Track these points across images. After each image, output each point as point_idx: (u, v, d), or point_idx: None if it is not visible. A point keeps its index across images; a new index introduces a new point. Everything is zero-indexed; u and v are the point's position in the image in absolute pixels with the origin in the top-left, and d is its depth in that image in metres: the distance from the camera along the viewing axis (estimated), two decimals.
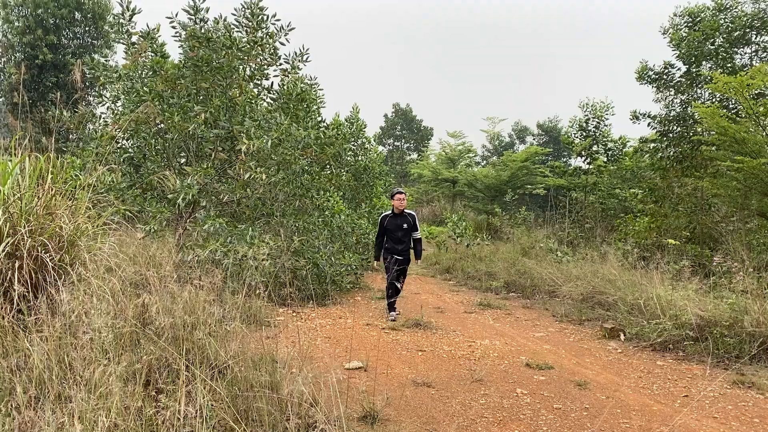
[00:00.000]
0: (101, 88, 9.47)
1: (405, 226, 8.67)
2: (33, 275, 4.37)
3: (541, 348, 7.20)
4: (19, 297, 4.08)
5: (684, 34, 13.72)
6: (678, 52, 13.87)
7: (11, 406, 3.19)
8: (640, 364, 6.51)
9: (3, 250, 4.18)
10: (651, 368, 6.32)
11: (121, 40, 8.88)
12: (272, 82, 9.60)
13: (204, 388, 3.49)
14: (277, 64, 9.39)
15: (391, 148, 51.82)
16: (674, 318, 7.09)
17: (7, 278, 4.19)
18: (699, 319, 6.91)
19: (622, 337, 7.64)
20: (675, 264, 9.30)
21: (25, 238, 4.35)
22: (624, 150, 19.32)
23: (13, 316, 3.97)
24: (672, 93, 14.52)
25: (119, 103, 9.31)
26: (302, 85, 9.83)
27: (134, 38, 8.71)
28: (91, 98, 20.52)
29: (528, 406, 5.02)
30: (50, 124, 6.52)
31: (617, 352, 7.03)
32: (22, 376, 3.47)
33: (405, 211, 8.81)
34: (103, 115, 9.46)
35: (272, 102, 9.72)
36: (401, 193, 8.82)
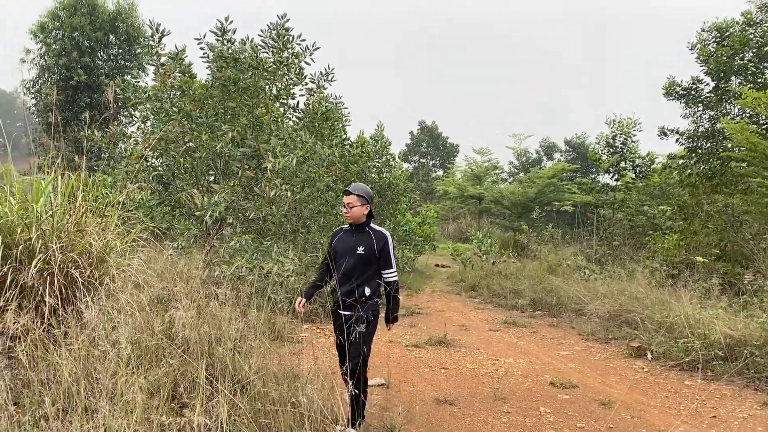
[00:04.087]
0: (132, 108, 9.71)
1: (360, 249, 4.59)
2: (63, 290, 4.49)
3: (566, 366, 7.12)
4: (49, 311, 4.21)
5: (712, 50, 13.57)
6: (706, 68, 13.72)
7: (39, 415, 3.29)
8: (667, 383, 6.40)
9: (35, 266, 4.31)
10: (678, 388, 6.21)
11: (151, 62, 9.11)
12: (298, 101, 9.76)
13: (225, 403, 3.55)
14: (303, 83, 9.53)
15: (416, 165, 52.02)
16: (703, 337, 6.97)
17: (39, 293, 4.32)
18: (728, 339, 6.78)
19: (649, 356, 7.53)
20: (704, 282, 9.14)
21: (57, 254, 4.48)
22: (652, 166, 19.11)
23: (44, 330, 4.08)
24: (700, 108, 14.35)
25: (149, 123, 9.53)
26: (327, 104, 9.97)
27: (163, 59, 8.94)
28: (123, 118, 21.03)
29: (551, 425, 4.98)
30: (83, 143, 6.71)
31: (644, 372, 6.92)
32: (51, 388, 3.57)
33: (371, 226, 4.75)
34: (133, 135, 9.70)
35: (298, 121, 9.87)
36: (349, 193, 4.70)
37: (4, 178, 5.20)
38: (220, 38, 8.87)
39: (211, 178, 9.34)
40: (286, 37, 8.94)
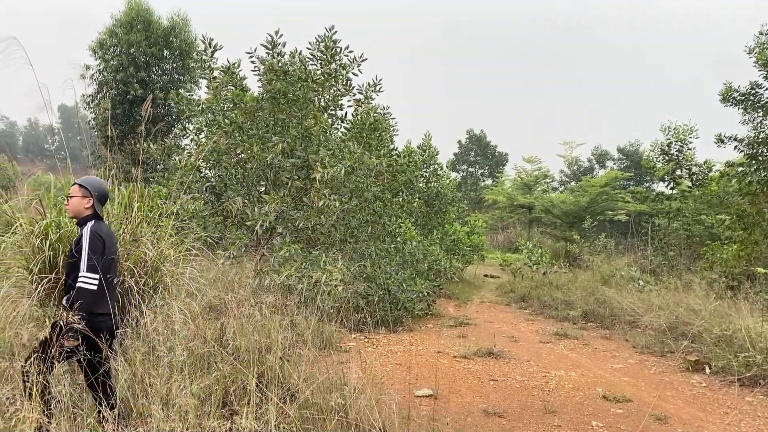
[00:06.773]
0: (186, 120, 9.99)
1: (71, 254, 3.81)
2: (120, 298, 4.63)
3: (619, 380, 6.93)
4: None
5: None
6: (765, 72, 13.22)
7: (97, 419, 3.39)
8: (726, 399, 6.15)
9: None
10: (739, 404, 5.96)
11: (204, 75, 9.37)
12: (346, 112, 9.87)
13: (275, 410, 3.59)
14: (351, 94, 9.64)
15: (464, 174, 51.78)
16: (765, 351, 6.69)
17: None
18: None
19: (707, 370, 7.25)
20: (766, 294, 8.77)
21: None
22: (709, 174, 18.49)
23: None
24: (760, 114, 13.82)
25: (202, 135, 9.78)
26: (375, 114, 10.04)
27: (215, 73, 9.17)
28: (177, 130, 21.58)
29: None
30: (139, 155, 6.95)
31: (701, 386, 6.67)
32: None
33: (89, 223, 3.81)
34: (187, 147, 9.97)
35: (346, 131, 9.98)
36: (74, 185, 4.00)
37: (65, 189, 5.41)
38: (270, 51, 9.06)
39: (262, 189, 9.51)
40: (333, 49, 9.06)
